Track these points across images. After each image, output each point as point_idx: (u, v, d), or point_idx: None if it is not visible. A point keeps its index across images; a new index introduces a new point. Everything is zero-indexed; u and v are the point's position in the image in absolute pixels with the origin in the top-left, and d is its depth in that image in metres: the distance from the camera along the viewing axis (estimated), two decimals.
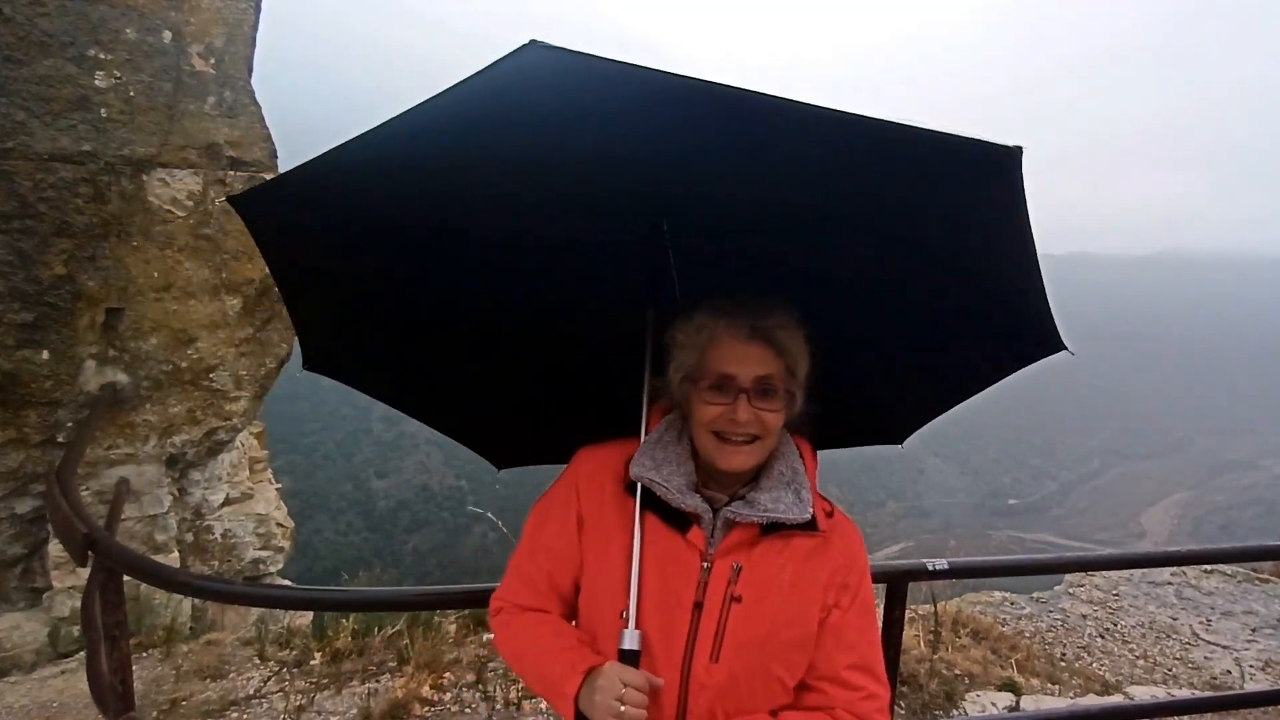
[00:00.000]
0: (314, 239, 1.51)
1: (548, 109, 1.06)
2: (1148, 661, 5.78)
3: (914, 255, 1.45)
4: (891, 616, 2.80)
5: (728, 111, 1.05)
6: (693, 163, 1.25)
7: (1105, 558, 3.18)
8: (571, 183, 1.38)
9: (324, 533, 49.55)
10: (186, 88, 4.92)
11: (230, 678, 4.38)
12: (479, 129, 1.12)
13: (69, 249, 4.59)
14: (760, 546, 1.37)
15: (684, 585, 1.34)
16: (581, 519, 1.45)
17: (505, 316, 1.80)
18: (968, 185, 1.12)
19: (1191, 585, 7.00)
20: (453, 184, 1.35)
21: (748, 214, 1.50)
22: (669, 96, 1.02)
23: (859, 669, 1.38)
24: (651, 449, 1.43)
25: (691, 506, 1.37)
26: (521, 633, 1.46)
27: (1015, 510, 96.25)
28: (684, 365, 1.41)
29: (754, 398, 1.34)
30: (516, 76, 0.95)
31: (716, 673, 1.31)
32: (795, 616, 1.35)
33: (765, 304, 1.39)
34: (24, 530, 5.00)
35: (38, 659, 4.82)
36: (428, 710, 3.93)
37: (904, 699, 4.24)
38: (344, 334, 1.75)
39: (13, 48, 4.25)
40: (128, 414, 5.09)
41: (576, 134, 1.15)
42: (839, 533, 1.45)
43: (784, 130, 1.09)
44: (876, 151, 1.11)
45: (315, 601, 3.06)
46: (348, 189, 1.33)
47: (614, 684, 1.24)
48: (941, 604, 5.48)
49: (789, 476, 1.42)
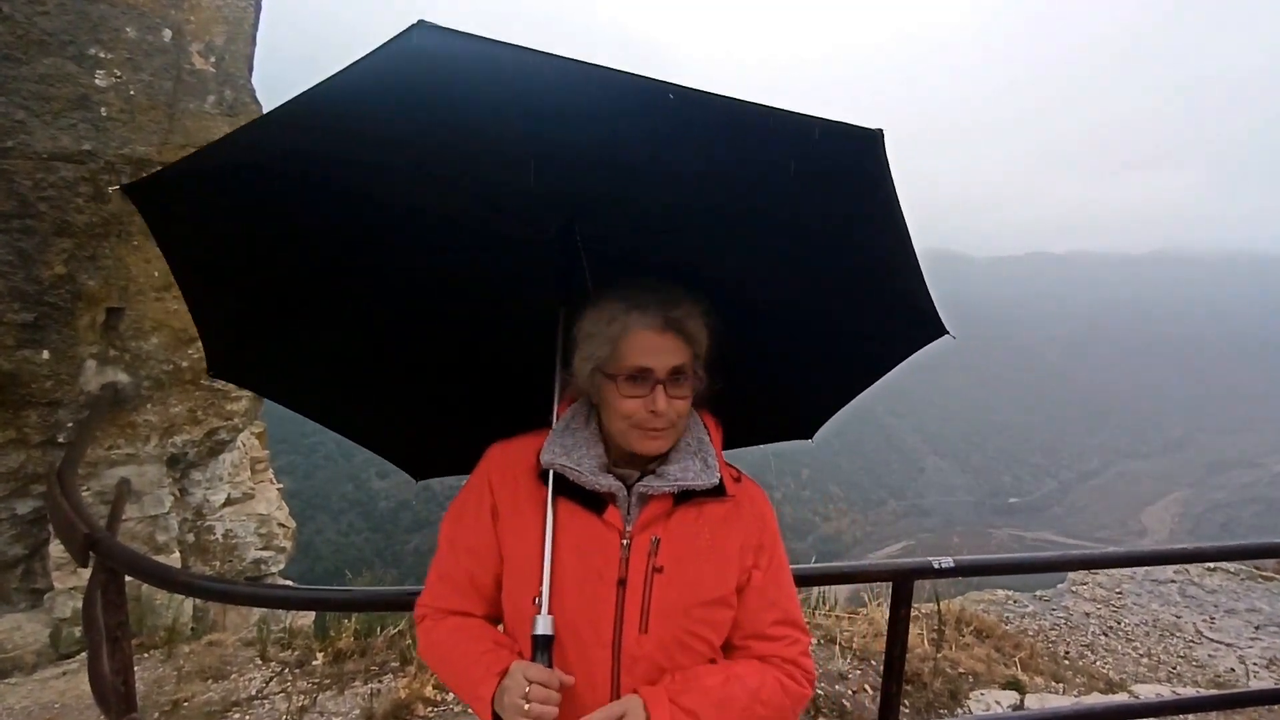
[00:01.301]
0: (211, 233, 1.45)
1: (441, 96, 1.02)
2: (1151, 660, 5.76)
3: (798, 245, 1.45)
4: (897, 614, 2.79)
5: (622, 98, 1.02)
6: (596, 153, 1.23)
7: (1111, 555, 3.17)
8: (477, 178, 1.35)
9: (326, 533, 49.59)
10: (187, 86, 4.91)
11: (232, 678, 4.36)
12: (372, 117, 1.07)
13: (69, 248, 4.58)
14: (675, 516, 1.41)
15: (605, 564, 1.37)
16: (496, 512, 1.45)
17: (412, 318, 1.75)
18: (836, 168, 1.12)
19: (1194, 583, 6.99)
20: (350, 178, 1.31)
21: (652, 211, 1.48)
22: (564, 82, 0.99)
23: (782, 623, 1.47)
24: (560, 436, 1.45)
25: (605, 486, 1.39)
26: (443, 639, 1.46)
27: (1016, 508, 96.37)
28: (595, 356, 1.41)
29: (669, 388, 1.36)
30: (403, 61, 0.91)
31: (646, 643, 1.35)
32: (715, 580, 1.40)
33: (673, 293, 1.41)
34: (25, 531, 4.99)
35: (39, 660, 4.81)
36: (431, 711, 3.92)
37: (908, 697, 4.22)
38: (247, 336, 1.67)
39: (12, 46, 4.24)
40: (129, 414, 5.08)
41: (475, 123, 1.11)
42: (748, 497, 1.50)
43: (675, 118, 1.06)
44: (752, 136, 1.09)
45: (317, 602, 3.05)
46: (244, 180, 1.28)
47: (519, 683, 1.25)
48: (945, 602, 5.47)
49: (695, 446, 1.46)
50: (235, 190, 1.32)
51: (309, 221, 1.45)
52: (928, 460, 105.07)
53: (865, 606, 5.33)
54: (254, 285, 1.59)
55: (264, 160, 1.23)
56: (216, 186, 1.31)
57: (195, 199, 1.37)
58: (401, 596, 2.55)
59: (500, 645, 1.40)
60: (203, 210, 1.39)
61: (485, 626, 1.47)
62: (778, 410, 2.00)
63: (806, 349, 1.77)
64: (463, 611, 1.48)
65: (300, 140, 1.15)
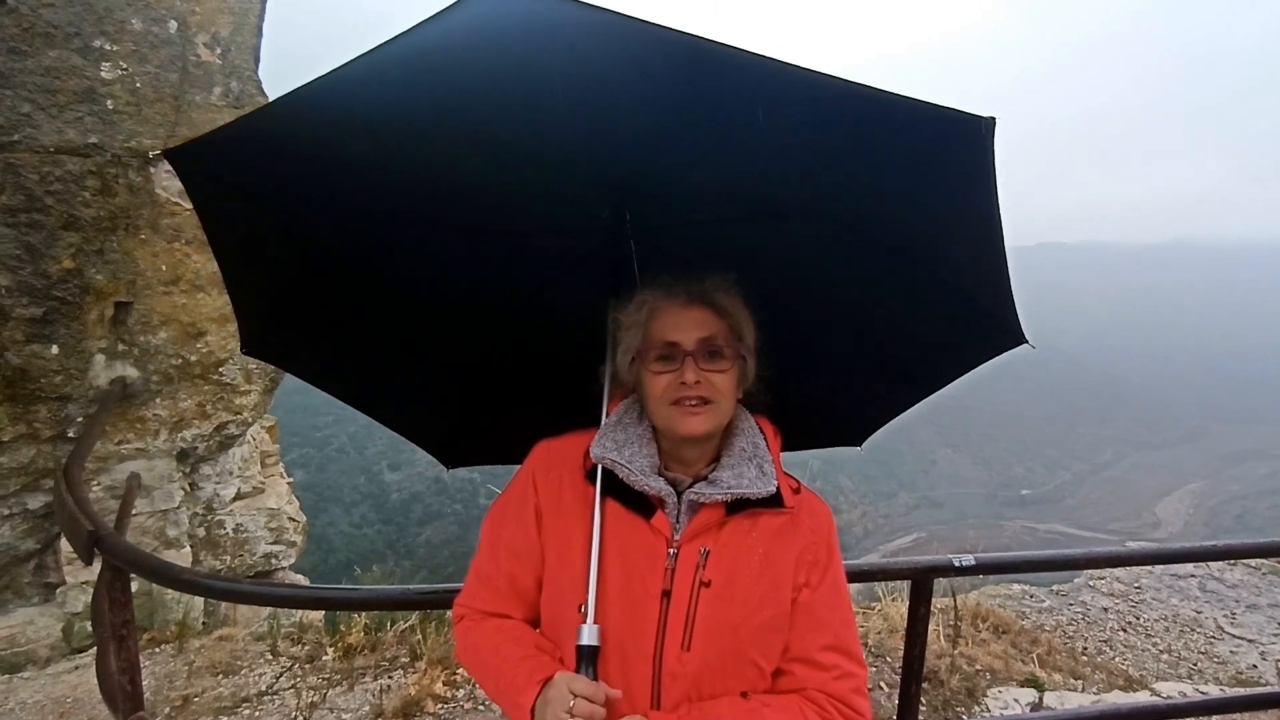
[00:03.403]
0: (256, 204, 1.38)
1: (497, 64, 0.96)
2: (1171, 656, 5.67)
3: (880, 244, 1.37)
4: (917, 613, 2.72)
5: (691, 66, 0.94)
6: (656, 140, 1.17)
7: (1135, 553, 3.09)
8: (528, 156, 1.28)
9: (338, 525, 49.87)
10: (193, 78, 4.87)
11: (243, 674, 4.35)
12: (423, 88, 1.02)
13: (77, 242, 4.55)
14: (728, 528, 1.33)
15: (650, 573, 1.30)
16: (540, 513, 1.40)
17: (453, 302, 1.69)
18: (935, 161, 1.02)
19: (1215, 578, 6.88)
20: (397, 151, 1.24)
21: (710, 201, 1.42)
22: (629, 47, 0.92)
23: (832, 649, 1.34)
24: (612, 431, 1.39)
25: (655, 489, 1.32)
26: (482, 641, 1.40)
27: (1028, 500, 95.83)
28: (631, 346, 1.38)
29: (700, 359, 1.31)
30: (467, 28, 0.86)
31: (689, 661, 1.27)
32: (767, 598, 1.31)
33: (701, 273, 1.37)
34: (36, 525, 5.00)
35: (52, 654, 4.83)
36: (441, 707, 3.89)
37: (925, 695, 4.16)
38: (283, 315, 1.60)
39: (18, 39, 4.20)
40: (138, 408, 5.07)
41: (530, 94, 1.05)
42: (807, 509, 1.40)
43: (752, 94, 0.99)
44: (839, 116, 0.99)
45: (322, 600, 3.02)
46: (289, 150, 1.21)
47: (563, 694, 1.19)
48: (960, 597, 5.40)
49: (750, 451, 1.38)
50: (280, 160, 1.25)
51: (353, 197, 1.38)
52: (939, 452, 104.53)
53: (879, 602, 5.27)
54: (293, 261, 1.52)
55: (310, 130, 1.16)
56: (260, 154, 1.25)
57: (239, 166, 1.29)
58: (408, 596, 2.51)
59: (542, 651, 1.34)
60: (246, 178, 1.32)
61: (526, 630, 1.42)
62: (834, 416, 1.90)
63: (872, 355, 1.68)
64: (501, 614, 1.43)
65: (348, 110, 1.09)
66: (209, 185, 1.35)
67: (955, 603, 5.19)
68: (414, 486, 55.29)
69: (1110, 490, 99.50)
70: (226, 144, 1.25)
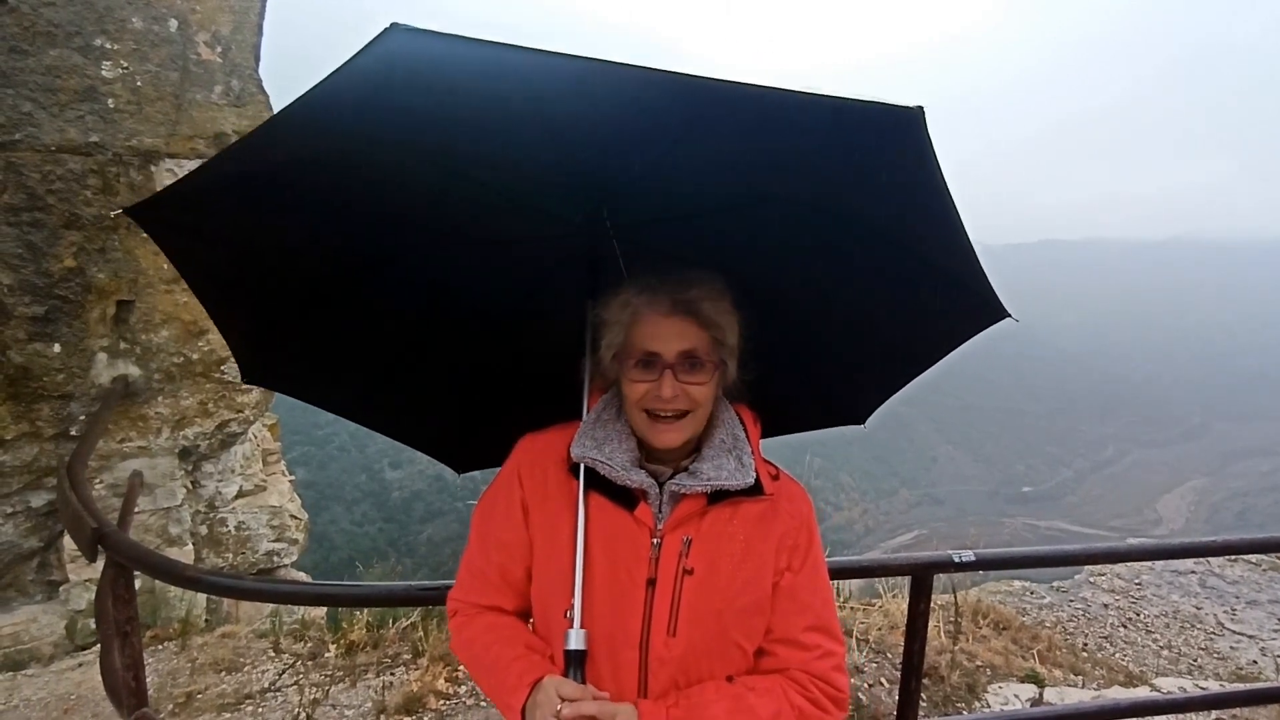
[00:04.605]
0: (226, 245, 1.42)
1: (427, 98, 1.00)
2: (1172, 652, 5.69)
3: (842, 230, 1.42)
4: (917, 609, 2.73)
5: (648, 92, 1.01)
6: (624, 146, 1.22)
7: (1136, 549, 3.09)
8: (502, 169, 1.32)
9: (339, 523, 49.92)
10: (193, 77, 4.87)
11: (245, 670, 4.37)
12: (385, 116, 1.05)
13: (79, 241, 4.57)
14: (709, 516, 1.36)
15: (635, 563, 1.34)
16: (526, 507, 1.42)
17: (443, 313, 1.73)
18: (876, 151, 1.08)
19: (1215, 574, 6.89)
20: (369, 177, 1.27)
21: (685, 198, 1.46)
22: (585, 81, 0.98)
23: (814, 629, 1.39)
24: (592, 428, 1.41)
25: (636, 482, 1.35)
26: (477, 638, 1.44)
27: (1029, 497, 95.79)
28: (613, 343, 1.39)
29: (679, 373, 1.33)
30: (383, 66, 0.89)
31: (675, 646, 1.31)
32: (749, 583, 1.35)
33: (687, 278, 1.37)
34: (40, 523, 5.01)
35: (55, 651, 4.84)
36: (443, 704, 3.90)
37: (926, 691, 4.17)
38: (276, 344, 1.66)
39: (18, 38, 4.21)
40: (140, 407, 5.08)
41: (497, 118, 1.10)
42: (786, 495, 1.44)
43: (699, 108, 1.06)
44: (790, 123, 1.07)
45: (324, 597, 3.03)
46: (255, 189, 1.24)
47: (551, 699, 1.22)
48: (961, 593, 5.41)
49: (730, 444, 1.41)
50: (247, 200, 1.29)
51: (329, 225, 1.42)
52: (940, 449, 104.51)
53: (880, 598, 5.28)
54: (277, 293, 1.57)
55: (274, 167, 1.20)
56: (223, 198, 1.29)
57: (203, 213, 1.33)
58: (411, 592, 2.52)
59: (532, 650, 1.38)
60: (213, 223, 1.36)
61: (518, 627, 1.45)
62: (830, 397, 1.95)
63: (854, 335, 1.72)
64: (495, 607, 1.46)
65: (313, 143, 1.12)
66: (175, 236, 1.40)
67: (956, 599, 5.20)
68: (415, 484, 55.29)
69: (1112, 487, 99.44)
70: (188, 194, 1.29)
